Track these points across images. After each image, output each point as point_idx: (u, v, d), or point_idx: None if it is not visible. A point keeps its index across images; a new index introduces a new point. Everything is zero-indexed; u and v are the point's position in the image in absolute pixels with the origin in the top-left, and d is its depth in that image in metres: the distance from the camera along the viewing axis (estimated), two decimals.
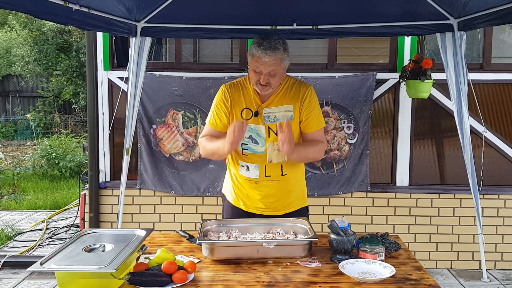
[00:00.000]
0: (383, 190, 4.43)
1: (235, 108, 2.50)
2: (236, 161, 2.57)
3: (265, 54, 2.31)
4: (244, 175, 2.55)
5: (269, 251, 2.14)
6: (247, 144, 2.49)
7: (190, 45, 5.04)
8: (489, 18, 3.02)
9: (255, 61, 2.35)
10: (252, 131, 2.47)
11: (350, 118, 4.35)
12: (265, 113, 2.46)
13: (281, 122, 2.37)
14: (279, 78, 2.40)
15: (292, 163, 2.53)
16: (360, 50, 4.95)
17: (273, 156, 2.48)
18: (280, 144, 2.28)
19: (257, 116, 2.47)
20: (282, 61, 2.36)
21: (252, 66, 2.38)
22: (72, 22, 2.93)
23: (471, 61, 4.60)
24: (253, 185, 2.54)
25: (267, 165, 2.49)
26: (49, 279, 4.00)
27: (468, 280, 4.14)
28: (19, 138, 12.23)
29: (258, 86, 2.40)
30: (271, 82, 2.37)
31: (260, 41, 2.35)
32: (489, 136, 4.37)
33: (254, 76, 2.39)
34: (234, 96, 2.50)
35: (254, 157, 2.49)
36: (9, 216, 6.04)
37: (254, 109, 2.47)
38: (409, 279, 1.98)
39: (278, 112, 2.46)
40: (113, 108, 4.38)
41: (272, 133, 2.46)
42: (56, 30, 11.88)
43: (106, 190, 4.50)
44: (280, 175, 2.52)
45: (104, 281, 1.84)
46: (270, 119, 2.46)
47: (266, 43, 2.32)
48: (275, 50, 2.32)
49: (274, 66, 2.34)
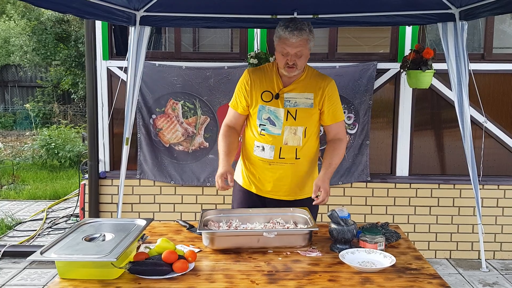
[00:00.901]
0: (383, 180, 4.43)
1: (256, 91, 2.57)
2: (252, 141, 2.62)
3: (292, 35, 2.38)
4: (258, 156, 2.59)
5: (269, 241, 2.15)
6: (265, 125, 2.55)
7: (190, 34, 5.01)
8: (491, 7, 3.00)
9: (282, 42, 2.42)
10: (271, 113, 2.54)
11: (351, 108, 4.34)
12: (286, 97, 2.53)
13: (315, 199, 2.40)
14: (305, 59, 2.48)
15: (306, 149, 2.59)
16: (360, 40, 4.93)
17: (289, 139, 2.54)
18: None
19: (277, 99, 2.53)
20: (308, 42, 2.44)
21: (279, 49, 2.45)
22: (71, 11, 2.91)
23: (472, 51, 4.57)
24: (266, 166, 2.59)
25: (282, 147, 2.54)
26: (49, 268, 4.01)
27: (467, 270, 4.15)
28: (18, 128, 12.21)
29: (285, 68, 2.46)
30: (297, 63, 2.45)
31: (286, 23, 2.42)
32: (490, 127, 4.36)
33: (281, 59, 2.46)
34: (255, 80, 2.58)
35: (270, 138, 2.55)
36: (9, 206, 6.05)
37: (275, 92, 2.54)
38: (409, 268, 1.99)
39: (299, 98, 2.54)
40: (112, 98, 4.36)
41: (290, 117, 2.52)
42: (54, 19, 11.81)
43: (105, 180, 4.49)
44: (294, 158, 2.57)
45: (104, 270, 1.85)
46: (290, 103, 2.53)
47: (293, 25, 2.40)
48: (302, 31, 2.40)
49: (301, 47, 2.42)
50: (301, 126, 2.54)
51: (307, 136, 2.57)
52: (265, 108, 2.54)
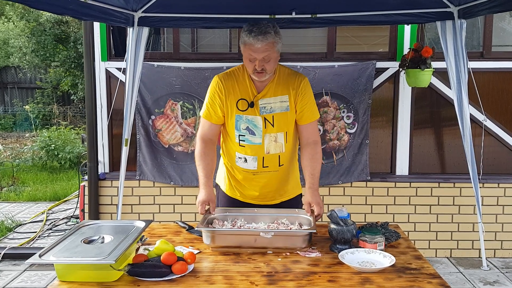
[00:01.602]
0: (383, 180, 4.42)
1: (230, 99, 2.45)
2: (232, 152, 2.53)
3: (257, 40, 2.27)
4: (241, 167, 2.52)
5: (266, 241, 2.14)
6: (244, 136, 2.46)
7: (188, 35, 5.00)
8: (489, 6, 2.99)
9: (248, 48, 2.31)
10: (249, 122, 2.45)
11: (350, 107, 4.33)
12: (261, 104, 2.43)
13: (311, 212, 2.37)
14: (274, 62, 2.36)
15: (288, 153, 2.52)
16: (359, 39, 4.91)
17: (271, 147, 2.46)
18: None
19: (253, 107, 2.43)
20: (274, 45, 2.32)
21: (245, 55, 2.35)
22: (69, 12, 2.90)
23: (471, 49, 4.57)
24: (250, 176, 2.53)
25: (265, 156, 2.47)
26: (49, 270, 4.00)
27: (467, 268, 4.15)
28: (18, 130, 12.21)
29: (254, 74, 2.36)
30: (266, 67, 2.33)
31: (250, 27, 2.30)
32: (489, 125, 4.36)
33: (249, 65, 2.35)
34: (228, 87, 2.45)
35: (251, 148, 2.46)
36: (9, 208, 6.04)
37: (249, 100, 2.43)
38: (409, 268, 1.98)
39: (274, 103, 2.44)
40: (111, 99, 4.35)
41: (268, 124, 2.44)
42: (53, 20, 11.80)
43: (105, 182, 4.49)
44: (278, 165, 2.51)
45: (103, 272, 1.84)
46: (266, 110, 2.44)
47: (256, 29, 2.28)
48: (266, 34, 2.28)
49: (267, 52, 2.30)
50: (280, 132, 2.45)
51: (289, 140, 2.49)
52: (242, 118, 2.44)
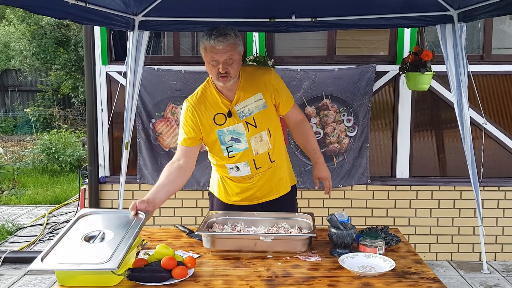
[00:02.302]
0: (383, 183, 4.42)
1: (206, 119, 2.43)
2: (223, 165, 2.53)
3: (217, 42, 2.26)
4: (235, 176, 2.53)
5: (266, 245, 2.14)
6: (231, 146, 2.46)
7: (189, 38, 5.01)
8: (489, 9, 2.99)
9: (210, 52, 2.30)
10: (232, 133, 2.44)
11: (350, 110, 4.33)
12: (238, 109, 2.43)
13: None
14: (237, 65, 2.35)
15: (276, 148, 2.53)
16: (359, 42, 4.92)
17: (259, 148, 2.47)
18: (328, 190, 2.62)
19: (231, 117, 2.42)
20: (236, 46, 2.32)
21: (208, 59, 2.33)
22: (69, 17, 2.91)
23: (471, 52, 4.57)
24: (246, 181, 2.54)
25: (255, 158, 2.48)
26: (50, 274, 4.00)
27: (468, 272, 4.14)
28: (19, 133, 12.21)
29: (219, 79, 2.34)
30: (229, 71, 2.32)
31: (209, 32, 2.31)
32: (489, 128, 4.36)
33: (212, 70, 2.34)
34: (200, 108, 2.44)
35: (240, 155, 2.46)
36: (10, 211, 6.05)
37: (225, 111, 2.43)
38: (409, 272, 1.98)
39: (250, 104, 2.43)
40: (112, 102, 4.36)
41: (251, 126, 2.44)
42: (54, 24, 11.83)
43: (105, 185, 4.49)
44: (270, 162, 2.52)
45: (103, 276, 1.84)
46: (245, 114, 2.43)
47: (216, 32, 2.29)
48: (227, 36, 2.28)
49: (230, 52, 2.29)
50: (264, 130, 2.46)
51: (273, 135, 2.50)
52: (223, 131, 2.43)
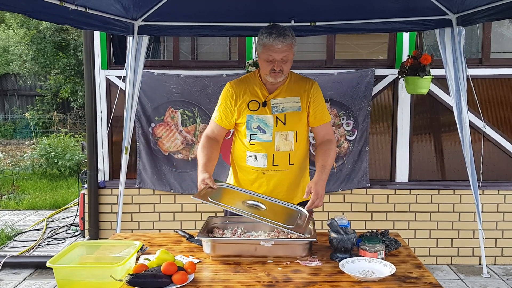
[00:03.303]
0: (383, 187, 4.42)
1: (241, 102, 2.56)
2: (243, 152, 2.60)
3: (277, 41, 2.38)
4: (251, 165, 2.58)
5: (267, 250, 2.13)
6: (255, 134, 2.55)
7: (188, 42, 5.02)
8: (488, 13, 3.01)
9: (268, 49, 2.41)
10: (260, 121, 2.54)
11: (349, 114, 4.34)
12: (273, 103, 2.53)
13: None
14: (290, 64, 2.49)
15: (299, 153, 2.59)
16: (358, 46, 4.94)
17: (281, 145, 2.54)
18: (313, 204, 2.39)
19: (265, 107, 2.53)
20: (292, 47, 2.45)
21: (264, 56, 2.44)
22: (69, 22, 2.92)
23: (470, 56, 4.58)
24: (260, 175, 2.57)
25: (274, 154, 2.53)
26: (49, 279, 3.99)
27: (468, 275, 4.14)
28: (18, 137, 12.20)
29: (271, 74, 2.46)
30: (283, 68, 2.45)
31: (269, 30, 2.42)
32: (489, 131, 4.36)
33: (267, 66, 2.45)
34: (239, 92, 2.57)
35: (262, 145, 2.54)
36: (9, 216, 6.03)
37: (261, 101, 2.54)
38: (409, 277, 1.98)
39: (286, 103, 2.54)
40: (111, 107, 4.36)
41: (279, 122, 2.53)
42: (53, 28, 11.84)
43: (105, 190, 4.49)
44: (288, 164, 2.56)
45: (103, 282, 1.84)
46: (278, 109, 2.53)
47: (276, 31, 2.40)
48: (286, 36, 2.40)
49: (287, 52, 2.42)
50: (291, 131, 2.54)
51: (299, 140, 2.56)
52: (253, 117, 2.54)
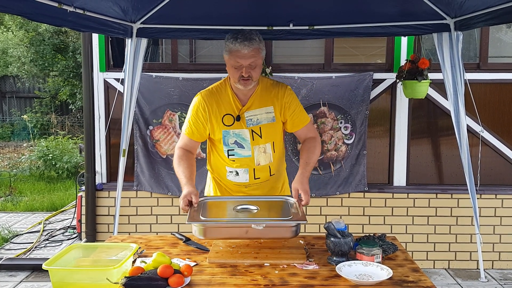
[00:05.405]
0: (381, 190, 4.42)
1: (215, 116, 2.46)
2: (222, 167, 2.54)
3: (243, 46, 2.29)
4: (232, 181, 2.54)
5: (258, 232, 2.13)
6: (233, 150, 2.48)
7: (187, 45, 5.02)
8: (486, 18, 3.01)
9: (234, 55, 2.32)
10: (237, 136, 2.47)
11: (347, 118, 4.34)
12: (247, 116, 2.46)
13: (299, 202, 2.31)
14: (259, 69, 2.39)
15: (277, 162, 2.56)
16: (356, 50, 4.94)
17: (261, 159, 2.49)
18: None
19: (239, 121, 2.45)
20: (260, 51, 2.35)
21: (231, 63, 2.35)
22: (67, 24, 2.92)
23: (468, 60, 4.59)
24: (242, 189, 2.55)
25: (255, 168, 2.50)
26: (45, 281, 3.97)
27: (465, 280, 4.13)
28: (16, 139, 12.19)
29: (240, 82, 2.36)
30: (252, 74, 2.35)
31: (234, 35, 2.33)
32: (486, 136, 4.37)
33: (235, 73, 2.36)
34: (212, 104, 2.46)
35: (242, 161, 2.48)
36: (6, 218, 6.01)
37: (235, 114, 2.45)
38: (406, 281, 1.98)
39: (260, 114, 2.46)
40: (109, 109, 4.36)
41: (256, 135, 2.46)
42: (52, 30, 11.85)
43: (102, 192, 4.48)
44: (269, 175, 2.54)
45: (99, 285, 1.83)
46: (252, 122, 2.46)
47: (241, 35, 2.31)
48: (252, 40, 2.31)
49: (254, 58, 2.32)
50: (268, 143, 2.49)
51: (276, 150, 2.53)
52: (229, 133, 2.46)
